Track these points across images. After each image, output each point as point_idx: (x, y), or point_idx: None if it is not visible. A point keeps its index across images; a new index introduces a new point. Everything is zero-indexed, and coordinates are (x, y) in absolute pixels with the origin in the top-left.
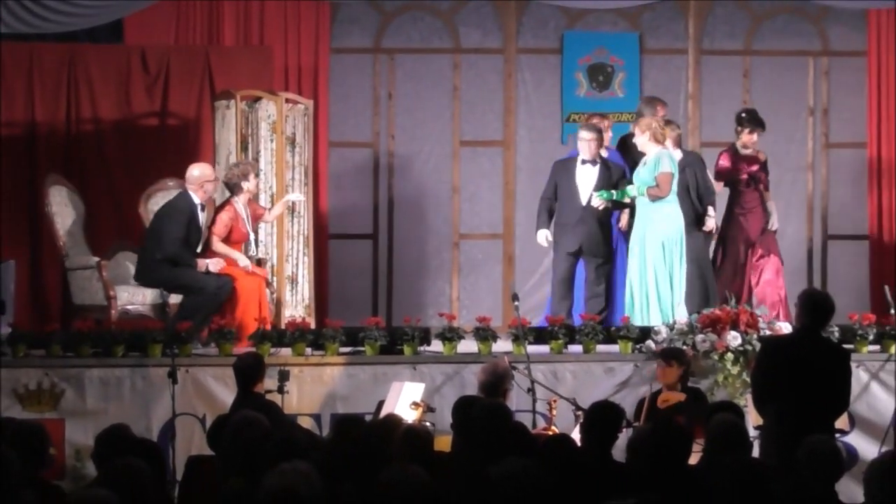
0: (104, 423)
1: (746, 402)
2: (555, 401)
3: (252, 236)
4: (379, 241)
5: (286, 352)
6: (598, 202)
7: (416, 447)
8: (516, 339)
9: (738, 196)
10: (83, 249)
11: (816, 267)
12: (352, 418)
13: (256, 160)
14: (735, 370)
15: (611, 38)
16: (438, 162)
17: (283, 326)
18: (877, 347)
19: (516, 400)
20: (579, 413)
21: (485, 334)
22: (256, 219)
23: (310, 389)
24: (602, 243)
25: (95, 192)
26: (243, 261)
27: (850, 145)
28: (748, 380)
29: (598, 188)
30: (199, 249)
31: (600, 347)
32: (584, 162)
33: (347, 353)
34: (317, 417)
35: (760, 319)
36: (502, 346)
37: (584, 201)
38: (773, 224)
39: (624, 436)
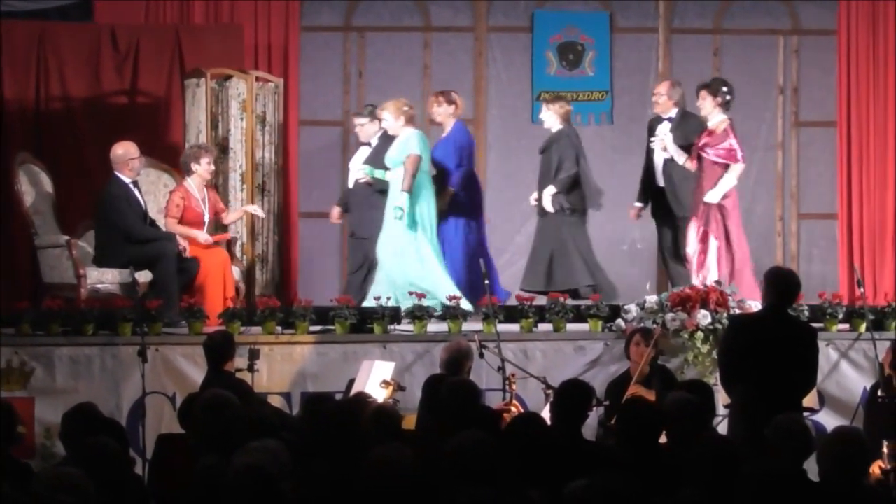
0: (74, 402)
1: (716, 381)
2: (513, 375)
3: (207, 218)
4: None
5: (256, 330)
6: (361, 175)
7: (385, 426)
8: (486, 318)
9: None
10: (53, 228)
11: (787, 246)
12: (322, 397)
13: (227, 139)
14: (705, 349)
15: (581, 16)
16: None
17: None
18: (846, 326)
19: (486, 378)
20: (549, 392)
21: (455, 313)
22: (215, 209)
23: (280, 368)
24: (371, 222)
25: (65, 171)
26: (202, 236)
27: (820, 124)
28: (717, 358)
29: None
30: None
31: (570, 326)
32: (362, 144)
33: (318, 331)
34: (287, 396)
35: (730, 298)
36: (472, 324)
37: (351, 183)
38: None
39: (594, 414)
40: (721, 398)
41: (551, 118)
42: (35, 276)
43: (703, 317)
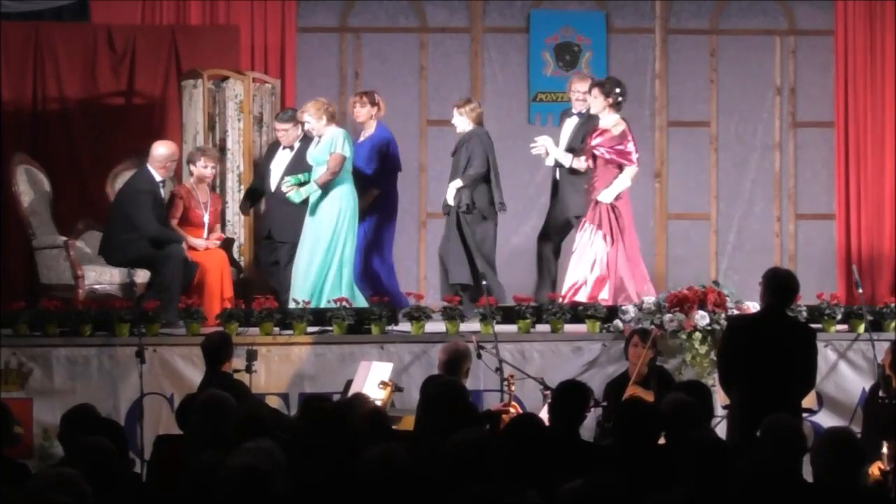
0: (72, 403)
1: (714, 382)
2: (512, 376)
3: (206, 221)
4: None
5: (254, 331)
6: (286, 188)
7: (379, 427)
8: (484, 319)
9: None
10: (50, 229)
11: (784, 246)
12: (319, 397)
13: (224, 140)
14: (703, 350)
15: (577, 16)
16: (406, 141)
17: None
18: (844, 327)
19: (484, 379)
20: (547, 392)
21: (452, 314)
22: (216, 212)
23: (278, 369)
24: (290, 227)
25: (62, 172)
26: (198, 242)
27: (818, 124)
28: (716, 359)
29: (288, 173)
30: None
31: (568, 327)
32: (283, 148)
33: (315, 332)
34: (285, 397)
35: (728, 299)
36: (470, 325)
37: (273, 186)
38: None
39: (592, 415)
40: (719, 399)
41: (462, 121)
42: (32, 277)
43: (701, 317)
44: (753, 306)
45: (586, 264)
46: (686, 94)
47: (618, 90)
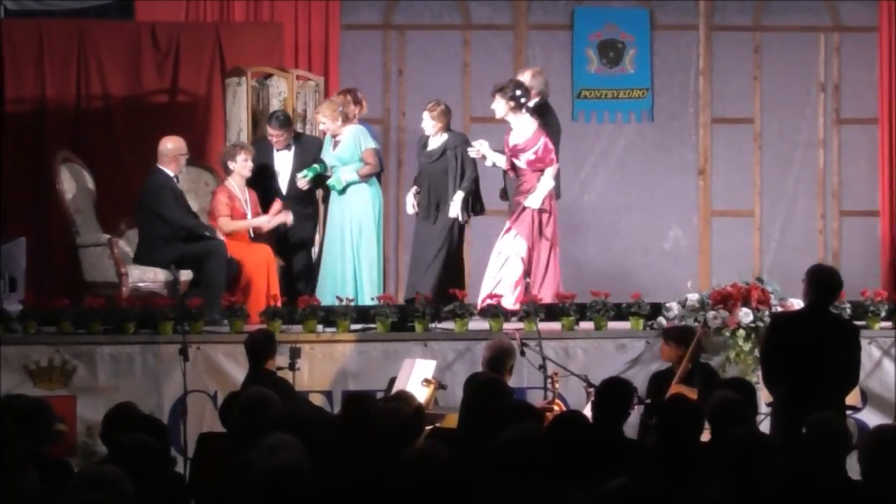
0: (115, 401)
1: (758, 379)
2: (556, 374)
3: (250, 217)
4: (389, 217)
5: (297, 329)
6: (303, 182)
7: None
8: (527, 316)
9: None
10: (94, 226)
11: (828, 243)
12: (363, 395)
13: (265, 139)
14: (746, 347)
15: (621, 13)
16: None
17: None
18: (889, 324)
19: (528, 377)
20: (591, 390)
21: (496, 311)
22: (256, 211)
23: (321, 366)
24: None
25: (105, 170)
26: (260, 220)
27: (862, 121)
28: (759, 356)
29: (297, 169)
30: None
31: (611, 324)
32: (278, 149)
33: (359, 329)
34: (328, 394)
35: (772, 296)
36: (514, 323)
37: (284, 189)
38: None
39: (635, 413)
40: (763, 396)
41: (432, 125)
42: (76, 275)
43: (745, 315)
44: (797, 303)
45: (506, 268)
46: (730, 91)
47: (518, 92)
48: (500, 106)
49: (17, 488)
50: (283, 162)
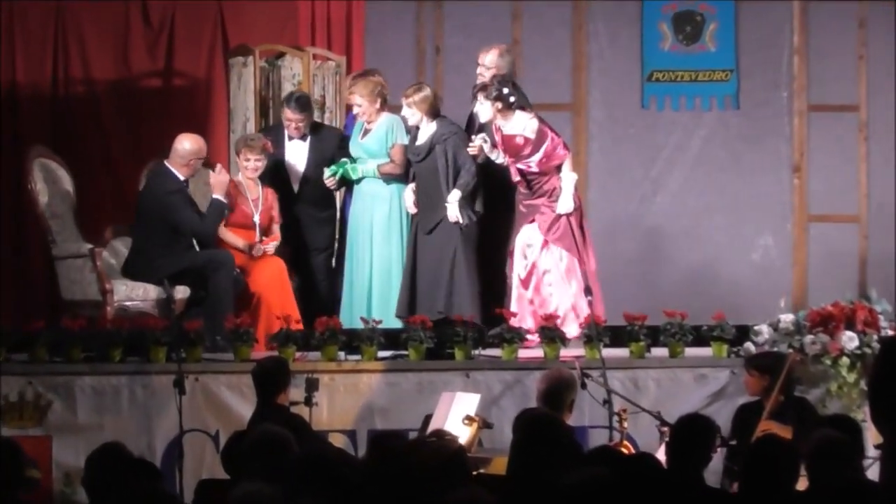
0: (99, 441)
1: (865, 416)
2: (625, 410)
3: (257, 221)
4: None
5: (315, 356)
6: (329, 180)
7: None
8: (589, 341)
9: None
10: (73, 235)
11: None
12: (392, 435)
13: (279, 127)
14: (851, 377)
15: None
16: None
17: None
18: None
19: (590, 413)
20: (665, 429)
21: (551, 335)
22: (269, 214)
23: (343, 401)
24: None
25: (88, 168)
26: (256, 251)
27: None
28: (866, 389)
29: (315, 166)
30: None
31: (689, 351)
32: (291, 138)
33: (388, 357)
34: (351, 434)
35: (881, 317)
36: (573, 349)
37: (296, 187)
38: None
39: (718, 456)
40: (871, 436)
41: (414, 115)
42: (52, 292)
43: (849, 339)
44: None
45: (555, 288)
46: (830, 73)
47: (505, 90)
48: (484, 109)
49: None
50: (295, 155)
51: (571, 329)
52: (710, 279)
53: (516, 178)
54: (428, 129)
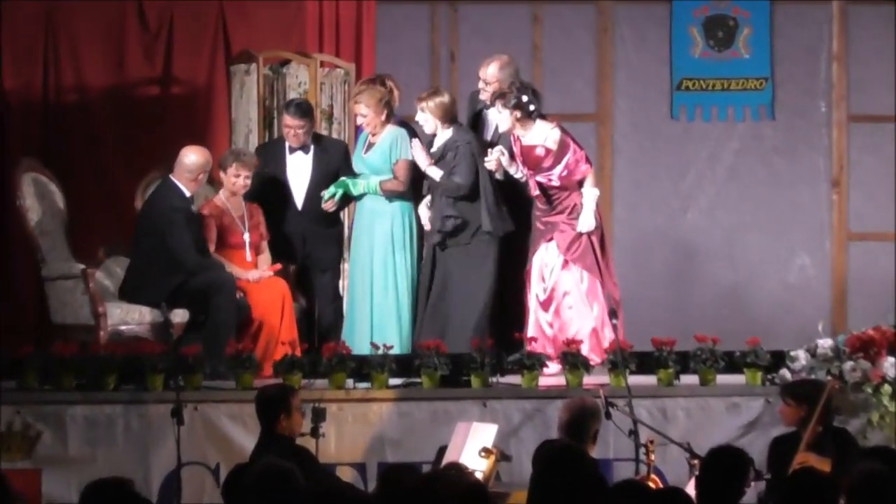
0: (91, 475)
1: None
2: (652, 442)
3: (247, 240)
4: None
5: (322, 384)
6: (328, 204)
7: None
8: (614, 368)
9: None
10: (65, 254)
11: None
12: (404, 468)
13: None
14: (893, 407)
15: None
16: None
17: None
18: None
19: (615, 445)
20: (695, 462)
21: (574, 361)
22: (259, 232)
23: (352, 432)
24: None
25: (81, 182)
26: (251, 275)
27: None
28: None
29: (319, 183)
30: None
31: (721, 378)
32: (292, 150)
33: (399, 385)
34: (360, 467)
35: None
36: (596, 376)
37: (300, 203)
38: None
39: (752, 490)
40: None
41: (428, 120)
42: (42, 315)
43: (892, 366)
44: None
45: (590, 312)
46: (871, 81)
47: (524, 97)
48: (503, 118)
49: None
50: (298, 168)
51: (593, 355)
52: (743, 301)
53: (535, 192)
54: (443, 136)
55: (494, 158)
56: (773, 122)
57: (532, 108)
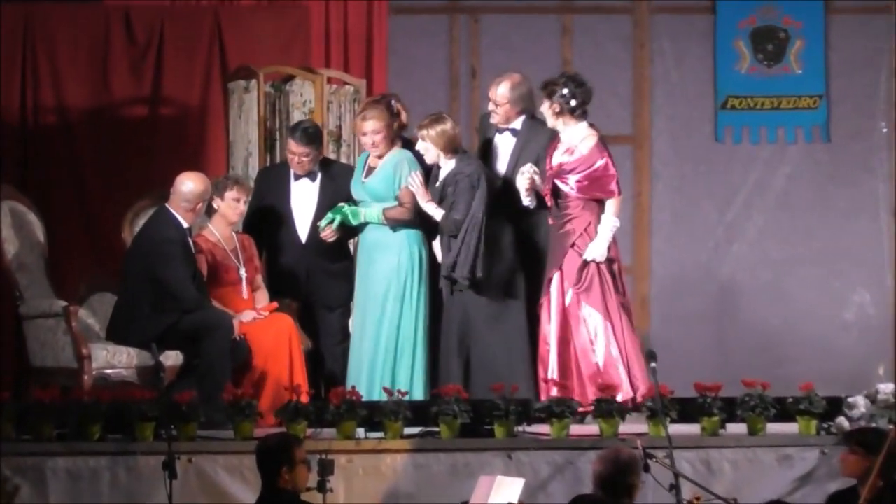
0: None
1: None
2: (698, 498)
3: (244, 275)
4: None
5: (330, 433)
6: (327, 232)
7: None
8: (653, 416)
9: None
10: (45, 290)
11: None
12: None
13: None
14: None
15: None
16: None
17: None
18: None
19: (654, 500)
20: None
21: (608, 409)
22: (254, 265)
23: (363, 486)
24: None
25: (62, 212)
26: (244, 316)
27: None
28: None
29: (324, 208)
30: None
31: (771, 427)
32: (297, 177)
33: (415, 435)
34: None
35: None
36: (634, 424)
37: (303, 235)
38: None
39: None
40: None
41: (430, 150)
42: (20, 357)
43: None
44: None
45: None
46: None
47: (566, 91)
48: (544, 109)
49: None
50: (303, 197)
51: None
52: (795, 342)
53: (548, 196)
54: (446, 167)
55: (527, 178)
56: (827, 144)
57: (574, 103)
